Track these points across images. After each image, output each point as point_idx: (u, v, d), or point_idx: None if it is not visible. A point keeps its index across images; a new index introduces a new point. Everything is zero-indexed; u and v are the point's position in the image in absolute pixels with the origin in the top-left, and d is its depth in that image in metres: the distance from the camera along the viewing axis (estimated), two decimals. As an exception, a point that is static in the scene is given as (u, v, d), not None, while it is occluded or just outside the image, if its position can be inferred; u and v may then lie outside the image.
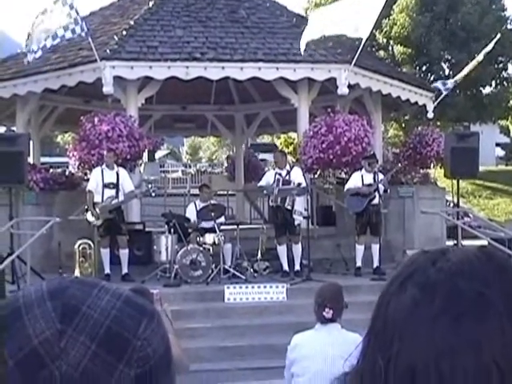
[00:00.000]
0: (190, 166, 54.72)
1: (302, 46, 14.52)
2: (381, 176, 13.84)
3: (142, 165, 20.97)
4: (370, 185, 13.65)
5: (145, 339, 1.01)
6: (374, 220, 13.69)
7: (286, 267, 13.69)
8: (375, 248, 13.69)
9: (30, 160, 16.90)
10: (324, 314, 5.36)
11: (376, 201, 13.63)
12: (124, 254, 13.30)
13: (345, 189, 14.14)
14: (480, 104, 34.09)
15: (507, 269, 1.05)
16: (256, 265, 13.87)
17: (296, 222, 13.53)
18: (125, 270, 13.23)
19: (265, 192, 14.10)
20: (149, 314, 1.05)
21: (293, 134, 29.55)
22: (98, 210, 13.03)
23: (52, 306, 1.00)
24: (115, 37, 15.24)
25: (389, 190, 14.12)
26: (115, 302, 1.02)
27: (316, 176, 16.45)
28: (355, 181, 13.90)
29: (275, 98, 18.97)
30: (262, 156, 27.62)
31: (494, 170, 43.35)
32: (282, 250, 13.73)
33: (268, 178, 14.01)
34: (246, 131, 23.70)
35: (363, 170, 13.93)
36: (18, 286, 12.21)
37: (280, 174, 13.72)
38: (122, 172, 13.51)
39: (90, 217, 13.10)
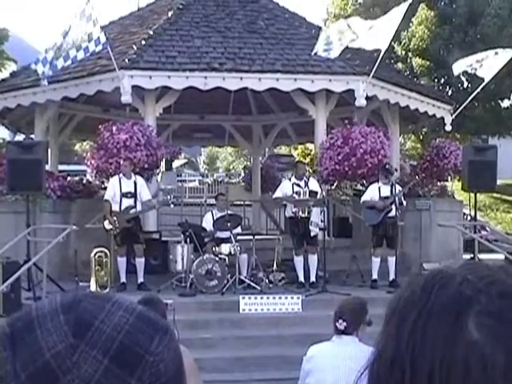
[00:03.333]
0: (207, 176, 54.75)
1: (319, 49, 14.49)
2: (398, 188, 13.79)
3: (160, 174, 21.02)
4: (386, 197, 13.60)
5: (157, 355, 1.01)
6: (390, 232, 13.64)
7: (301, 278, 13.65)
8: (391, 260, 13.63)
9: (48, 168, 16.97)
10: (337, 324, 5.35)
11: (393, 213, 13.57)
12: (140, 262, 13.32)
13: (361, 201, 14.12)
14: (499, 117, 33.91)
15: None
16: (271, 275, 13.84)
17: (312, 234, 13.51)
18: (140, 279, 13.24)
19: (284, 202, 14.10)
20: (162, 329, 1.05)
21: (310, 145, 29.54)
22: (115, 218, 13.06)
23: (65, 319, 1.00)
24: (134, 46, 15.30)
25: (405, 203, 14.05)
26: (128, 317, 1.02)
27: (333, 187, 16.41)
28: (372, 193, 13.87)
29: (293, 109, 18.99)
30: None
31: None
32: (298, 261, 13.70)
33: (285, 189, 13.97)
34: (263, 142, 23.70)
35: (380, 182, 13.89)
36: (33, 294, 12.27)
37: (299, 185, 13.69)
38: (140, 181, 13.54)
39: (107, 225, 13.13)
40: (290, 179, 14.49)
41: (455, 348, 0.95)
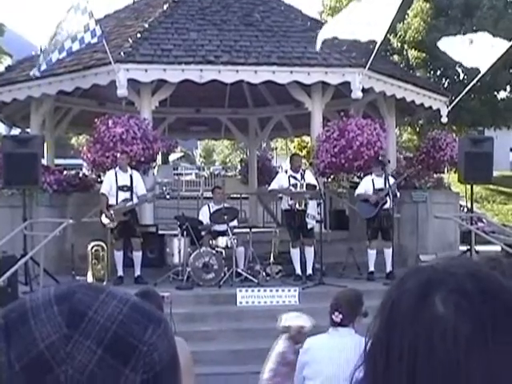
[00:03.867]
0: (203, 169, 54.83)
1: (318, 44, 14.45)
2: (392, 180, 13.79)
3: (156, 167, 21.00)
4: (381, 189, 13.60)
5: (151, 344, 1.01)
6: (385, 224, 13.64)
7: (298, 271, 13.67)
8: (388, 252, 13.64)
9: (44, 162, 16.95)
10: (333, 317, 5.37)
11: (387, 205, 13.58)
12: (137, 256, 13.31)
13: (355, 194, 14.11)
14: (495, 109, 33.93)
15: None
16: (268, 268, 13.84)
17: (309, 226, 13.51)
18: (137, 273, 13.24)
19: (280, 195, 14.11)
20: (155, 319, 1.05)
21: (306, 138, 29.55)
22: (112, 212, 13.06)
23: (59, 310, 1.00)
24: (129, 39, 15.27)
25: (398, 195, 14.03)
26: (122, 307, 1.02)
27: (329, 180, 16.41)
28: (366, 185, 13.86)
29: (289, 102, 18.96)
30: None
31: (509, 175, 43.16)
32: (295, 253, 13.72)
33: (281, 181, 13.98)
34: (259, 134, 23.69)
35: (373, 174, 13.90)
36: (30, 288, 12.26)
37: (295, 178, 13.70)
38: (136, 175, 13.54)
39: (104, 219, 13.13)
40: (286, 171, 14.48)
41: (420, 323, 0.98)
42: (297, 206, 13.54)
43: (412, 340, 0.98)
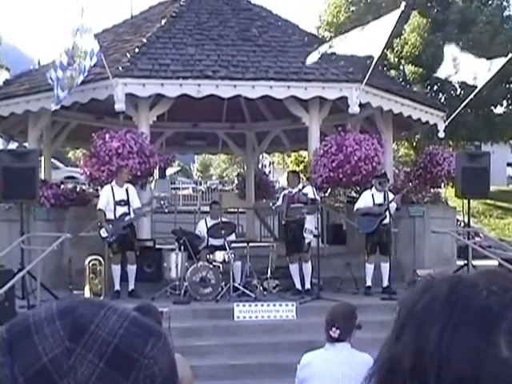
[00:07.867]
0: (200, 184, 54.78)
1: (309, 60, 14.54)
2: (391, 195, 13.82)
3: (153, 181, 21.01)
4: (380, 204, 13.64)
5: (151, 358, 1.03)
6: (384, 239, 13.66)
7: (298, 285, 13.67)
8: (385, 267, 13.65)
9: (42, 176, 16.95)
10: (331, 333, 5.37)
11: (387, 220, 13.61)
12: (132, 270, 13.27)
13: (355, 208, 14.13)
14: (491, 123, 34.02)
15: None
16: (266, 283, 13.84)
17: (306, 241, 13.52)
18: (131, 287, 13.20)
19: (277, 210, 14.24)
20: (156, 333, 1.07)
21: (303, 153, 29.60)
22: (111, 226, 13.06)
23: (61, 324, 1.02)
24: (127, 54, 15.30)
25: (400, 209, 14.13)
26: (123, 321, 1.04)
27: (326, 194, 16.43)
28: (365, 200, 13.89)
29: (286, 117, 18.99)
30: None
31: (505, 190, 43.21)
32: (294, 269, 13.73)
33: (281, 197, 14.19)
34: (256, 149, 23.71)
35: (373, 188, 13.93)
36: (28, 302, 12.24)
37: (290, 192, 13.80)
38: (131, 189, 13.55)
39: (103, 233, 13.12)
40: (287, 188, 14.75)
41: (486, 363, 0.95)
42: (283, 220, 13.80)
43: (474, 378, 0.96)
